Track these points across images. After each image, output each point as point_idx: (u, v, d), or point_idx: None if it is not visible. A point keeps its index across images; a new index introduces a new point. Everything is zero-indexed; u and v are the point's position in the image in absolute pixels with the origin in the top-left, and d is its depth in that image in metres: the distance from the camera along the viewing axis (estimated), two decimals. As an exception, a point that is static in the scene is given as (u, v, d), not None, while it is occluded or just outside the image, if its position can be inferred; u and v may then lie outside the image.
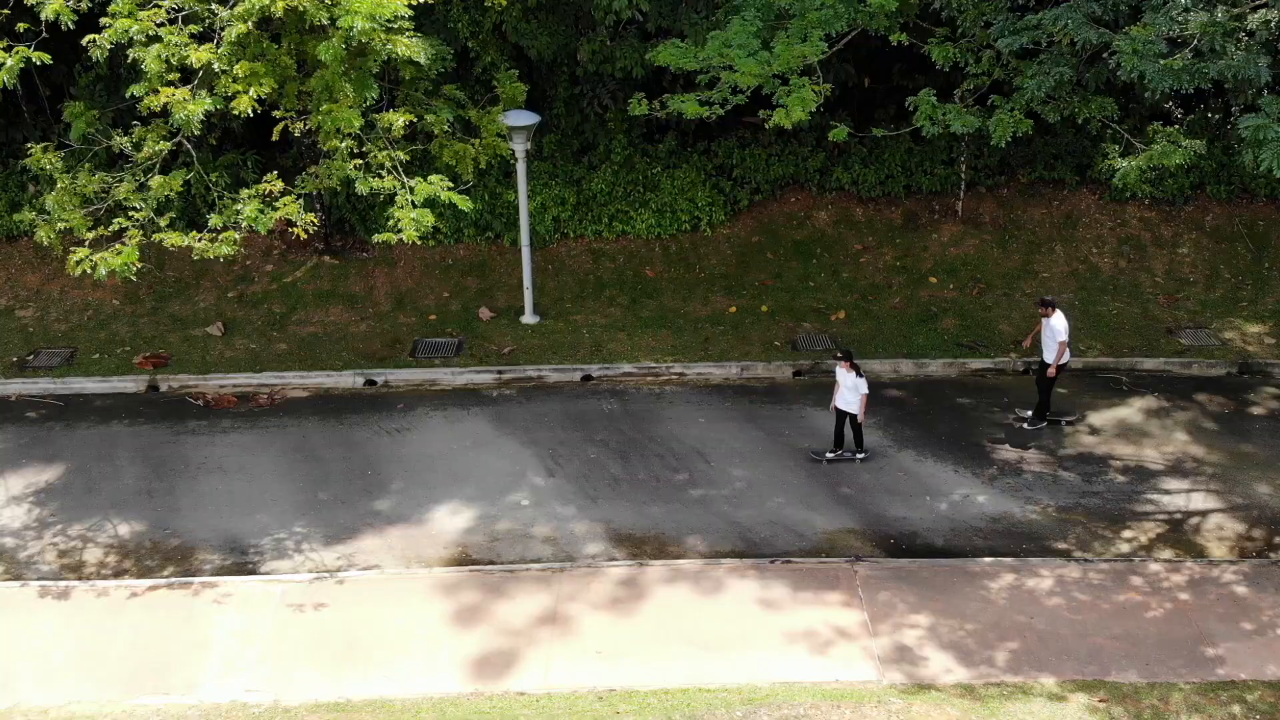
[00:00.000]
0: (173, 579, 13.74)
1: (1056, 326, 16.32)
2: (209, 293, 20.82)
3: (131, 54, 12.69)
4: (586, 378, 18.77)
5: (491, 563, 14.10)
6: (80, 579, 13.89)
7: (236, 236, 13.01)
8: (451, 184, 13.61)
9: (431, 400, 18.17)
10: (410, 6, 13.18)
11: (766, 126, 14.66)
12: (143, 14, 12.82)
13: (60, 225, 13.30)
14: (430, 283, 21.30)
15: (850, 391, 15.44)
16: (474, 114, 15.53)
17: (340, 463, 16.34)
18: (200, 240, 12.97)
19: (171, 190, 12.96)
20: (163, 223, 13.17)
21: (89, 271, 12.92)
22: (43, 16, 13.11)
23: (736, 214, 22.15)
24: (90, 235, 13.14)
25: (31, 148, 13.82)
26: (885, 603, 12.99)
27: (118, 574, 14.02)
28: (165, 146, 13.23)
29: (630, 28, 19.41)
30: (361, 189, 13.30)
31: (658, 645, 12.48)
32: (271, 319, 20.29)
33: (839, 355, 15.57)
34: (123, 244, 12.80)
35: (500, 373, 18.81)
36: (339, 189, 13.64)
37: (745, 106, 15.57)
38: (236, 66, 12.84)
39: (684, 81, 21.08)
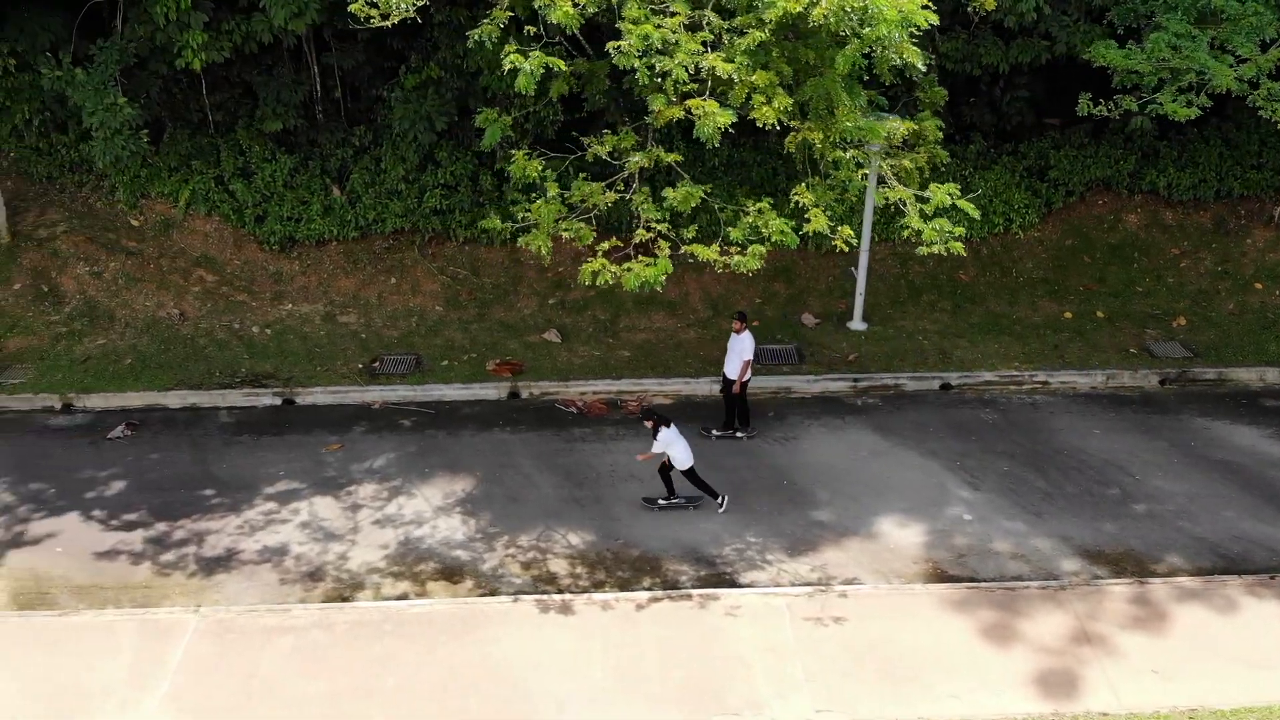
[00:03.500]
0: (670, 591, 13.48)
1: (744, 343, 16.29)
2: (528, 299, 20.60)
3: (656, 63, 12.43)
4: (945, 386, 18.56)
5: (973, 579, 13.87)
6: (561, 591, 13.66)
7: (763, 250, 12.75)
8: (960, 191, 13.37)
9: (797, 408, 17.97)
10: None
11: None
12: (664, 20, 12.58)
13: (567, 235, 13.05)
14: (739, 288, 21.07)
15: (661, 445, 14.56)
16: (906, 122, 15.32)
17: (748, 471, 16.13)
18: (730, 253, 12.72)
19: (693, 202, 12.69)
20: (688, 234, 12.92)
21: (609, 283, 12.68)
22: (550, 20, 12.87)
23: (1045, 216, 21.93)
24: (604, 246, 12.90)
25: (515, 154, 13.57)
26: None
27: (595, 585, 13.78)
28: (675, 157, 12.97)
29: (985, 26, 19.20)
30: (877, 200, 13.07)
31: (1205, 663, 12.25)
32: (600, 325, 20.08)
33: (643, 417, 14.78)
34: (653, 255, 12.54)
35: (855, 380, 18.59)
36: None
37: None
38: (754, 76, 12.60)
39: (985, 79, 20.98)
